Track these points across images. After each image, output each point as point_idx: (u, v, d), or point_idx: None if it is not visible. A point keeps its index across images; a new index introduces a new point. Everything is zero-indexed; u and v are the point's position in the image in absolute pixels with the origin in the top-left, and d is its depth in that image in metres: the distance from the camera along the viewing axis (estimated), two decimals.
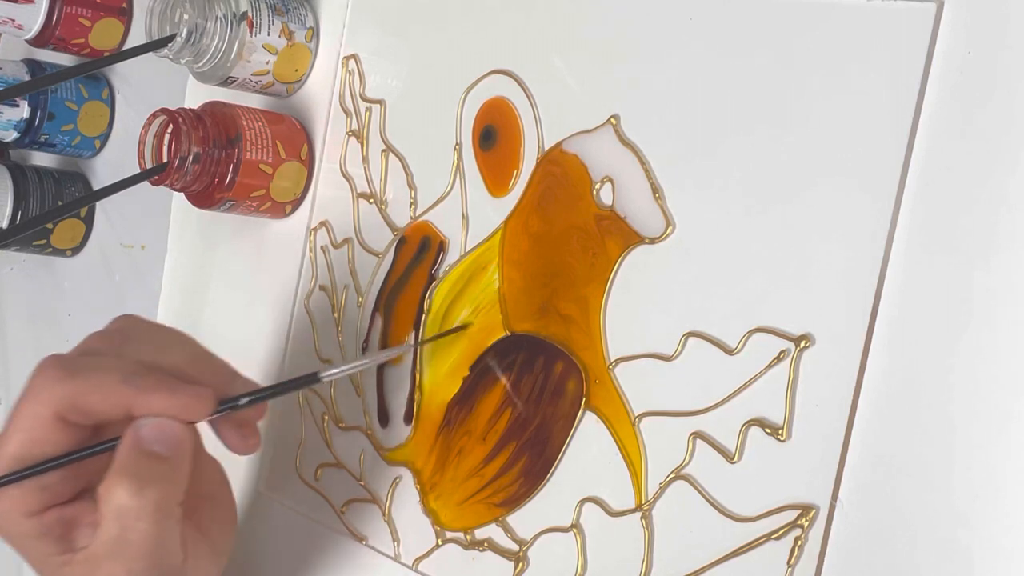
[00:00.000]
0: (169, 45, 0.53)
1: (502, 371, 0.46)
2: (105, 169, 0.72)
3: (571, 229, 0.44)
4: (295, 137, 0.56)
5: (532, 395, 0.45)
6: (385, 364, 0.50)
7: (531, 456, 0.45)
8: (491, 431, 0.46)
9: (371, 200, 0.53)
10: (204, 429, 0.43)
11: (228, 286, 0.60)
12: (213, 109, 0.54)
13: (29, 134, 0.68)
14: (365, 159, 0.53)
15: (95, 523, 0.40)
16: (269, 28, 0.54)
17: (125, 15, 0.70)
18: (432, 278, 0.49)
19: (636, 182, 0.42)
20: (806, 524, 0.37)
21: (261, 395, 0.43)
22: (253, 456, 0.55)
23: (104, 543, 0.39)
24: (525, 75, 0.47)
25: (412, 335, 0.49)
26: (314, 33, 0.56)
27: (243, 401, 0.42)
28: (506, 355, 0.46)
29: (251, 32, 0.53)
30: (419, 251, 0.50)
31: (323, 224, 0.55)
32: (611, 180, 0.43)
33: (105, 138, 0.72)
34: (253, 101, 0.58)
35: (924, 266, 0.35)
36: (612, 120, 0.43)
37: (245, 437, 0.44)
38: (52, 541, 0.40)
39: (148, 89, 0.69)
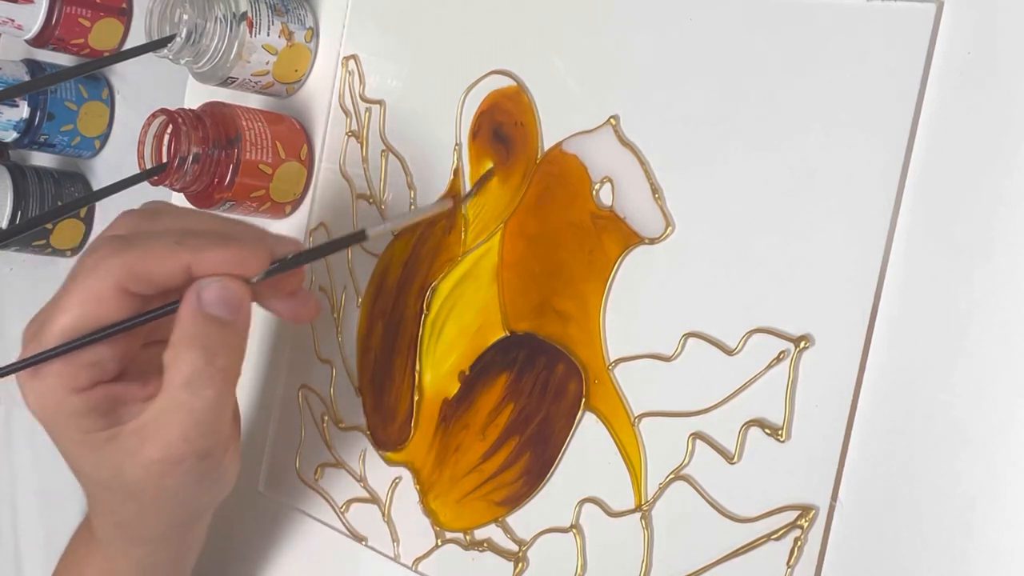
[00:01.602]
0: (169, 45, 0.53)
1: (504, 367, 0.46)
2: (105, 169, 0.72)
3: (567, 227, 0.44)
4: (295, 137, 0.56)
5: (535, 390, 0.45)
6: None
7: (534, 453, 0.45)
8: (491, 425, 0.46)
9: (370, 201, 0.53)
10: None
11: None
12: (213, 109, 0.54)
13: (29, 134, 0.68)
14: (365, 159, 0.53)
15: (142, 398, 0.40)
16: (269, 28, 0.54)
17: (125, 15, 0.70)
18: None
19: (636, 182, 0.42)
20: (806, 524, 0.37)
21: (310, 254, 0.42)
22: (253, 456, 0.55)
23: (162, 411, 0.39)
24: (525, 75, 0.47)
25: (451, 198, 0.48)
26: (314, 33, 0.56)
27: (291, 256, 0.41)
28: (507, 353, 0.46)
29: (251, 32, 0.53)
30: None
31: (322, 224, 0.55)
32: (611, 180, 0.43)
33: (105, 138, 0.72)
34: (253, 101, 0.58)
35: (924, 266, 0.35)
36: (612, 120, 0.43)
37: (304, 301, 0.44)
38: (98, 416, 0.40)
39: (148, 89, 0.69)
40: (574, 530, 0.43)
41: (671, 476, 0.40)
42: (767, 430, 0.38)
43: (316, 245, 0.43)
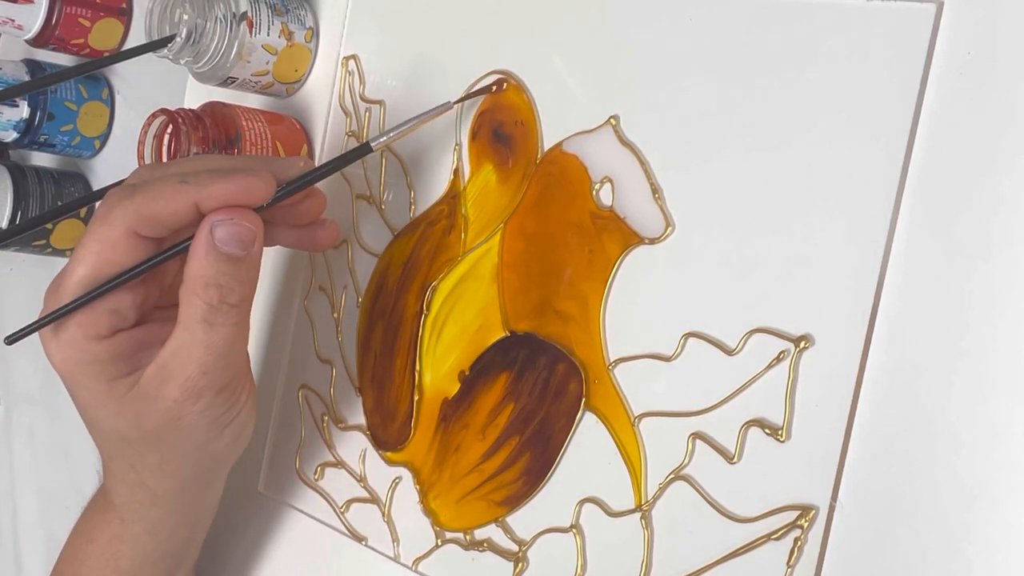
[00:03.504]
0: (169, 45, 0.53)
1: (504, 366, 0.46)
2: (105, 169, 0.72)
3: (567, 226, 0.44)
4: (295, 137, 0.56)
5: (535, 390, 0.45)
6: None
7: (534, 453, 0.45)
8: (491, 425, 0.46)
9: (370, 201, 0.53)
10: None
11: None
12: (213, 109, 0.54)
13: (29, 134, 0.68)
14: (364, 160, 0.53)
15: (162, 340, 0.41)
16: (269, 28, 0.54)
17: (125, 15, 0.70)
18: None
19: (636, 182, 0.42)
20: (806, 524, 0.37)
21: (316, 172, 0.42)
22: (253, 456, 0.55)
23: (180, 346, 0.40)
24: (525, 75, 0.47)
25: (448, 100, 0.48)
26: (314, 33, 0.56)
27: (296, 175, 0.42)
28: (507, 353, 0.46)
29: (251, 32, 0.53)
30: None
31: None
32: (611, 180, 0.43)
33: (105, 138, 0.72)
34: (253, 101, 0.58)
35: (924, 266, 0.35)
36: (612, 120, 0.43)
37: (322, 225, 0.45)
38: (121, 362, 0.40)
39: (148, 89, 0.69)
40: (574, 530, 0.43)
41: (671, 476, 0.40)
42: (767, 430, 0.38)
43: (321, 165, 0.43)
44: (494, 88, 0.48)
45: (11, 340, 0.41)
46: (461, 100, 0.48)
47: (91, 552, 0.48)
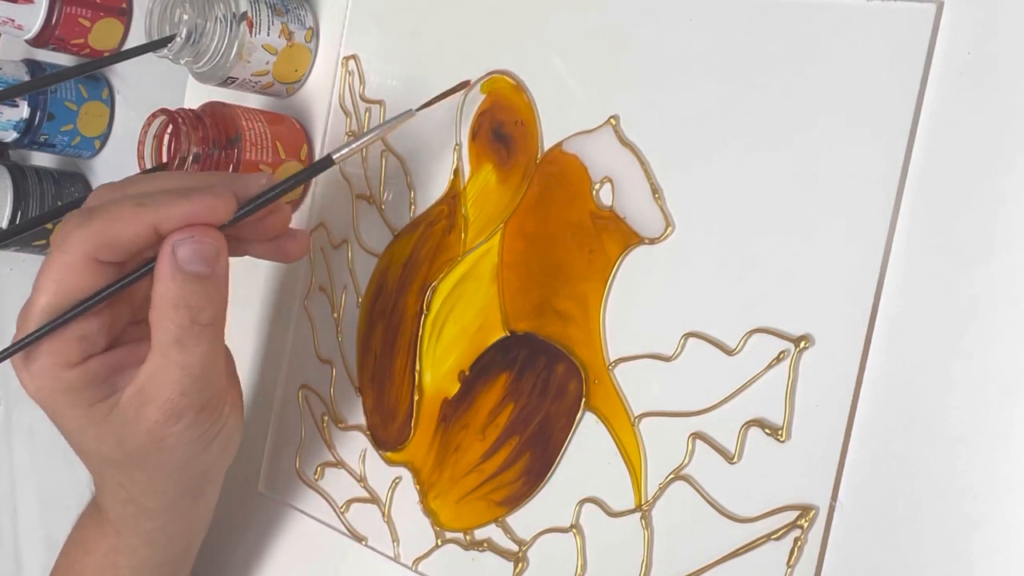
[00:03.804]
0: (169, 45, 0.53)
1: (504, 366, 0.46)
2: (105, 169, 0.72)
3: (567, 226, 0.44)
4: (295, 137, 0.56)
5: (535, 390, 0.45)
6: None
7: (534, 453, 0.45)
8: (491, 425, 0.46)
9: (370, 201, 0.53)
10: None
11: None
12: (213, 109, 0.54)
13: (29, 134, 0.68)
14: (364, 160, 0.53)
15: (136, 363, 0.40)
16: (269, 28, 0.54)
17: (125, 15, 0.70)
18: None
19: (636, 182, 0.42)
20: (806, 524, 0.37)
21: (276, 189, 0.42)
22: (253, 456, 0.55)
23: (156, 369, 0.40)
24: (525, 75, 0.47)
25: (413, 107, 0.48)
26: (314, 33, 0.56)
27: (257, 192, 0.41)
28: (507, 353, 0.46)
29: (251, 32, 0.53)
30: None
31: (322, 225, 0.55)
32: (611, 180, 0.43)
33: (105, 138, 0.72)
34: (253, 101, 0.58)
35: (924, 266, 0.35)
36: (612, 120, 0.43)
37: (291, 237, 0.44)
38: (96, 387, 0.40)
39: (148, 89, 0.69)
40: (574, 530, 0.43)
41: (671, 476, 0.40)
42: (767, 430, 0.38)
43: (283, 179, 0.42)
44: (459, 90, 0.47)
45: None
46: (423, 107, 0.48)
47: (88, 563, 0.48)
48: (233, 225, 0.41)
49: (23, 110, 0.67)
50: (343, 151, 0.44)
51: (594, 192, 0.44)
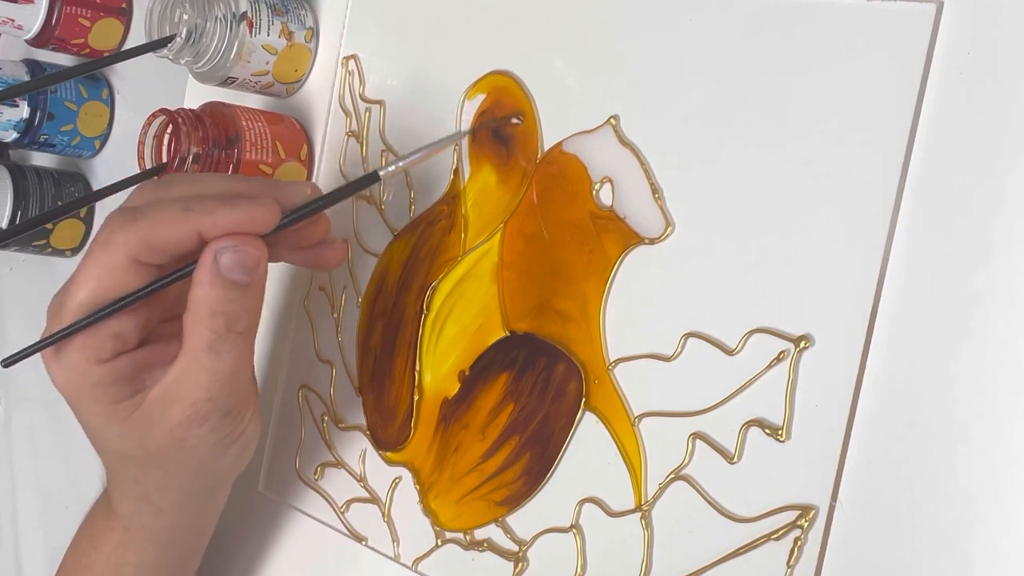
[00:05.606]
0: (169, 45, 0.53)
1: (504, 366, 0.46)
2: (105, 169, 0.72)
3: (567, 226, 0.44)
4: (295, 137, 0.56)
5: (535, 390, 0.45)
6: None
7: (534, 453, 0.45)
8: (491, 425, 0.46)
9: (370, 201, 0.53)
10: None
11: None
12: (213, 109, 0.54)
13: (29, 134, 0.68)
14: (364, 160, 0.53)
15: (165, 363, 0.41)
16: (269, 28, 0.54)
17: (125, 15, 0.70)
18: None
19: (636, 182, 0.42)
20: (806, 524, 0.37)
21: (322, 201, 0.42)
22: (253, 456, 0.55)
23: (186, 372, 0.40)
24: (525, 75, 0.47)
25: (459, 128, 0.48)
26: (314, 33, 0.56)
27: (301, 203, 0.41)
28: (507, 353, 0.46)
29: (251, 32, 0.53)
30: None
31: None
32: (611, 180, 0.43)
33: (105, 138, 0.72)
34: (253, 101, 0.58)
35: (924, 266, 0.35)
36: (612, 120, 0.43)
37: (329, 245, 0.45)
38: (124, 384, 0.40)
39: (148, 89, 0.69)
40: (574, 530, 0.43)
41: (671, 476, 0.40)
42: (767, 430, 0.38)
43: (328, 192, 0.43)
44: (514, 120, 0.47)
45: (9, 363, 0.41)
46: (472, 130, 0.48)
47: (96, 559, 0.48)
48: (275, 234, 0.41)
49: (23, 110, 0.67)
50: (389, 168, 0.44)
51: (594, 192, 0.44)
